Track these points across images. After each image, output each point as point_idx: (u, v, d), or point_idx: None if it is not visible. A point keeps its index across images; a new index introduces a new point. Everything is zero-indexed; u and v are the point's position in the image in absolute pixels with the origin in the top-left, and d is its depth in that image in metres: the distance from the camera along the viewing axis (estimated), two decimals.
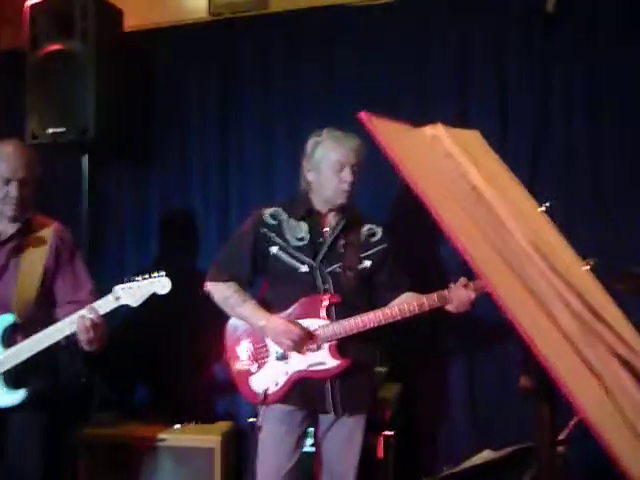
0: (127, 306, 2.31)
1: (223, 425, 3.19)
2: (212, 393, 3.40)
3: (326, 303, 2.38)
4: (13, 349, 2.32)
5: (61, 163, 3.49)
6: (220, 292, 2.50)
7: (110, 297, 2.31)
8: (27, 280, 2.38)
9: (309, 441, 2.59)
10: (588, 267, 1.94)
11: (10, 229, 2.43)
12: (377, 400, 2.67)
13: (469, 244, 1.08)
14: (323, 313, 2.38)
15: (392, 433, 2.76)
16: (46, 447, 2.39)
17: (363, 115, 1.21)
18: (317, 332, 2.39)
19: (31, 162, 2.42)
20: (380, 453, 2.72)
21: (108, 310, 2.30)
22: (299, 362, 2.40)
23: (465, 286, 2.31)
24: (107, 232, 3.56)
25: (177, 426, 3.14)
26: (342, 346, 2.39)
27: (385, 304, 2.41)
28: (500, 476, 1.87)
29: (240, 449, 3.17)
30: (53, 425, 2.45)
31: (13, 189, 2.37)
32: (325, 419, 2.46)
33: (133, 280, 2.31)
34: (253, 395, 2.45)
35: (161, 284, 2.30)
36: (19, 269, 2.38)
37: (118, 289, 2.31)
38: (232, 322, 2.53)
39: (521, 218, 1.25)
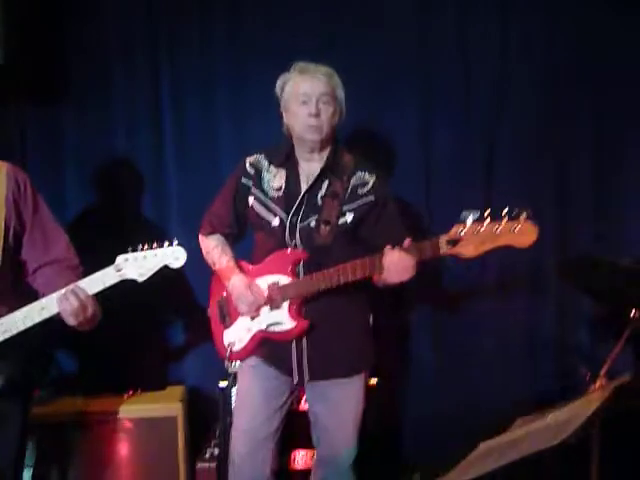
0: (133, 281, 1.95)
1: (176, 391, 2.92)
2: (152, 359, 3.08)
3: (292, 260, 2.23)
4: None
5: None
6: (204, 245, 2.41)
7: (111, 269, 1.94)
8: None
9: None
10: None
11: None
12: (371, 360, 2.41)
13: None
14: (289, 270, 2.23)
15: (375, 381, 2.73)
16: (21, 439, 2.02)
17: None
18: (277, 290, 2.24)
19: None
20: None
21: (109, 285, 1.93)
22: (260, 321, 2.28)
23: (406, 249, 2.05)
24: None
25: (126, 396, 2.84)
26: (311, 307, 2.24)
27: None
28: None
29: (197, 414, 2.94)
30: (26, 413, 2.07)
31: None
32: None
33: (138, 249, 1.94)
34: (224, 350, 2.36)
35: (174, 255, 1.95)
36: None
37: (121, 260, 1.94)
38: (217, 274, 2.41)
39: None
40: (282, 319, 2.25)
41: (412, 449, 3.05)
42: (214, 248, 2.37)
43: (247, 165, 2.34)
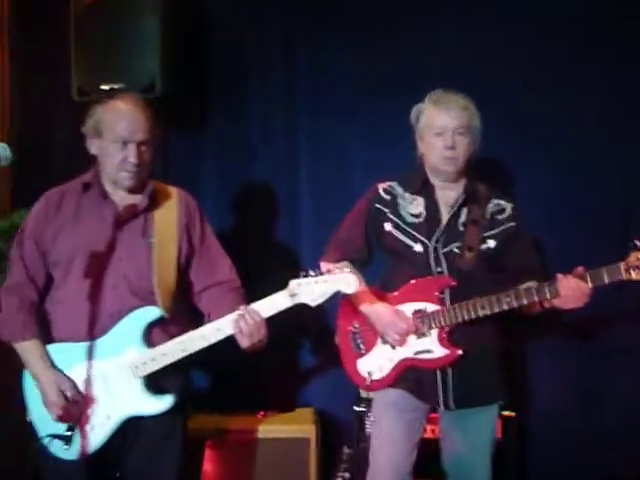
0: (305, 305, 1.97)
1: (307, 413, 2.96)
2: (282, 380, 3.12)
3: (439, 286, 2.22)
4: (159, 349, 1.97)
5: None
6: None
7: (285, 293, 1.96)
8: (164, 264, 2.02)
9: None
10: None
11: (131, 202, 2.06)
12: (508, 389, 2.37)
13: None
14: (435, 297, 2.22)
15: (513, 414, 2.66)
16: (184, 454, 2.09)
17: None
18: (426, 318, 2.22)
19: (152, 120, 2.06)
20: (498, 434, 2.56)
21: (282, 309, 1.97)
22: (406, 349, 2.25)
23: (581, 277, 2.09)
24: None
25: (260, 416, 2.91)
26: (457, 334, 2.22)
27: None
28: None
29: (327, 437, 2.95)
30: (186, 428, 2.14)
31: (131, 153, 2.00)
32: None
33: (308, 275, 1.95)
34: (360, 379, 2.33)
35: (346, 281, 1.94)
36: (154, 252, 2.02)
37: (294, 285, 1.95)
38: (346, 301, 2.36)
39: None
40: (432, 347, 2.23)
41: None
42: None
43: (381, 191, 2.36)
